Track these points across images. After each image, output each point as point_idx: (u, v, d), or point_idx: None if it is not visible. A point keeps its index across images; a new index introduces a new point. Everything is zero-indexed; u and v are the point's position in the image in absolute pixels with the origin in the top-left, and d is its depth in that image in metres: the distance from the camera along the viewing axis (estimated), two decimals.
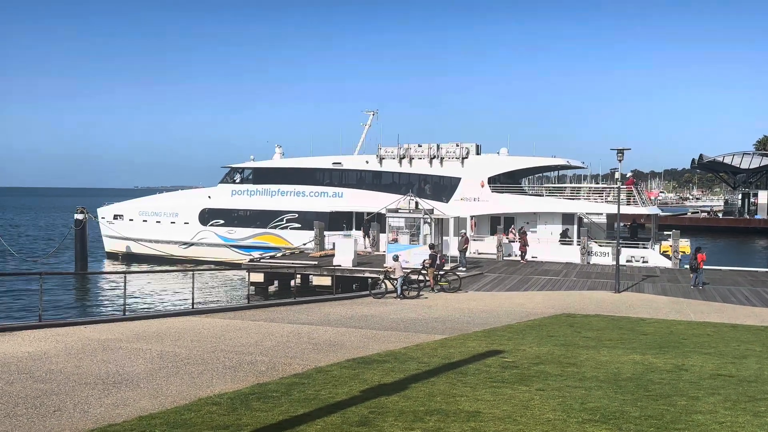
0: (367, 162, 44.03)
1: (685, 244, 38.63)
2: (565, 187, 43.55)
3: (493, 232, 39.89)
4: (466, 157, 41.63)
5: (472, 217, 39.50)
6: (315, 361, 11.49)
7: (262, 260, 36.72)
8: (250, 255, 43.38)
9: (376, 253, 38.36)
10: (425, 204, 36.79)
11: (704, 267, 28.66)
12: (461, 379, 10.18)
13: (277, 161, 46.94)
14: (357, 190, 43.76)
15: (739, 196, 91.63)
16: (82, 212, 45.45)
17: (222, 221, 45.72)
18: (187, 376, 10.16)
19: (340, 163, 44.74)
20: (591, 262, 36.27)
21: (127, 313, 17.57)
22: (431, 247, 29.01)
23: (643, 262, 35.94)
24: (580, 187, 43.95)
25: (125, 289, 18.35)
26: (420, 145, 42.79)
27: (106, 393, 9.10)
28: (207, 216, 46.14)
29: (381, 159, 43.52)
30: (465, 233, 35.74)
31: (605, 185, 46.45)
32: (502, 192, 40.32)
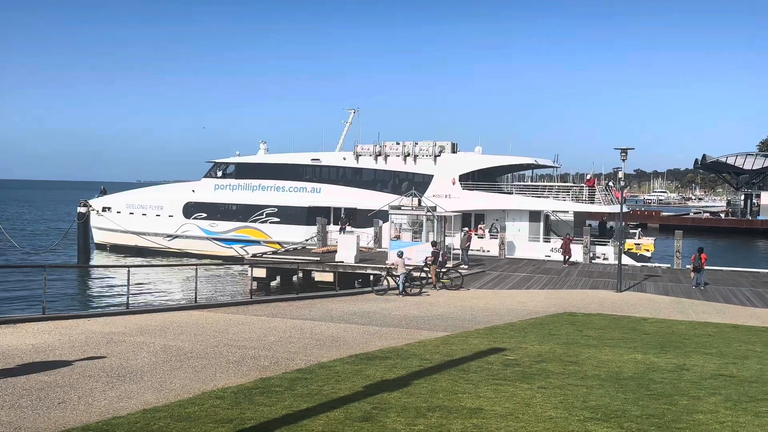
0: (344, 159, 45.29)
1: (649, 242, 39.49)
2: (535, 186, 45.49)
3: (463, 227, 40.73)
4: (439, 155, 42.71)
5: None
6: (318, 357, 11.54)
7: (264, 256, 36.86)
8: (231, 248, 45.08)
9: (378, 249, 38.45)
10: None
11: (706, 267, 28.69)
12: (463, 376, 10.22)
13: (259, 157, 48.23)
14: (334, 185, 45.02)
15: (742, 197, 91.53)
16: (85, 205, 45.76)
17: (205, 215, 46.97)
18: (191, 370, 10.22)
19: (318, 160, 46.00)
20: (593, 261, 36.44)
21: (130, 307, 17.62)
22: (433, 244, 29.03)
23: (604, 259, 36.93)
24: (548, 186, 45.31)
25: (129, 282, 18.39)
26: (398, 143, 43.91)
27: (110, 386, 9.15)
28: (191, 209, 47.38)
29: (358, 156, 44.66)
30: (468, 231, 35.80)
31: (573, 184, 48.49)
32: (473, 189, 41.30)
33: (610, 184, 49.58)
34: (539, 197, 40.91)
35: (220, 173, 47.91)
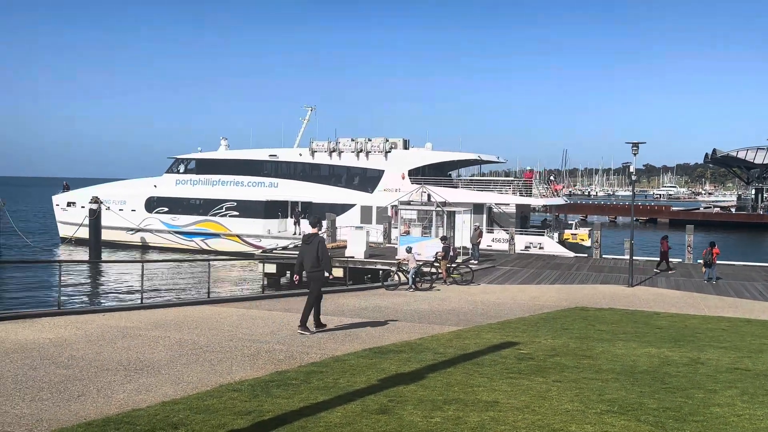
0: (300, 155, 47.08)
1: (584, 233, 41.53)
2: (478, 180, 46.98)
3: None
4: (390, 151, 44.40)
5: (392, 206, 41.02)
6: (332, 351, 11.59)
7: (275, 251, 37.11)
8: (192, 241, 47.47)
9: (387, 245, 38.55)
10: (352, 194, 43.38)
11: (717, 262, 28.60)
12: (478, 370, 10.24)
13: (219, 153, 49.76)
14: (291, 180, 46.75)
15: (753, 192, 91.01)
16: (96, 202, 46.12)
17: (166, 209, 48.50)
18: (207, 364, 10.29)
19: (275, 156, 47.66)
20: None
21: (144, 302, 17.74)
22: (443, 239, 29.04)
23: (540, 248, 38.72)
24: (491, 180, 47.71)
25: (143, 277, 18.54)
26: (353, 139, 45.41)
27: (128, 379, 9.23)
28: (153, 204, 48.89)
29: (313, 152, 46.48)
30: (479, 226, 35.89)
31: (514, 178, 50.89)
32: (421, 184, 42.42)
33: (552, 178, 52.97)
34: (482, 190, 42.95)
35: (181, 169, 49.66)
